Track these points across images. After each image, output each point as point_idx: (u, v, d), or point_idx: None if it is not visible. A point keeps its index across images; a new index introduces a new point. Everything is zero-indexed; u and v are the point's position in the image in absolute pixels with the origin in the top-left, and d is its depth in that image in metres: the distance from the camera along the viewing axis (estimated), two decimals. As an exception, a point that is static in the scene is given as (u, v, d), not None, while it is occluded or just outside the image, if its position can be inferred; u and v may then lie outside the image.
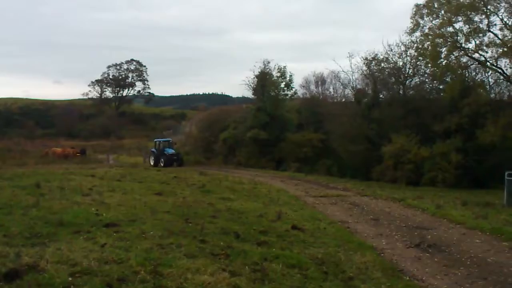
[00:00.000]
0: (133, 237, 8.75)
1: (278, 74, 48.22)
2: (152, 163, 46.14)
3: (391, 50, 40.04)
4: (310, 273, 7.76)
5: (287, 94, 49.23)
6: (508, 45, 32.91)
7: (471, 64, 36.04)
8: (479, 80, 36.52)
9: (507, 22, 33.67)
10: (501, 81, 35.89)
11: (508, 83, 35.36)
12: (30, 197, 13.26)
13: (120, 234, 8.95)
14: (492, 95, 36.35)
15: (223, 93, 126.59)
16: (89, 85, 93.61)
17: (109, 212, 11.38)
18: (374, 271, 8.38)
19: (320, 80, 52.04)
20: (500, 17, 33.90)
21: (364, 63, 41.11)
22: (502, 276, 8.59)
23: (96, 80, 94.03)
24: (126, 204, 12.99)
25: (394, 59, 40.06)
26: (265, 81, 47.26)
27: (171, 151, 47.03)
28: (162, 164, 44.22)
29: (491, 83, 36.78)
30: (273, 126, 44.96)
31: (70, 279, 6.22)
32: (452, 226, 13.62)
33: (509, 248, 10.75)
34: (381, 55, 40.39)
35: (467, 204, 19.94)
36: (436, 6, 35.70)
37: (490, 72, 35.78)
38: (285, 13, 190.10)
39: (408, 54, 39.22)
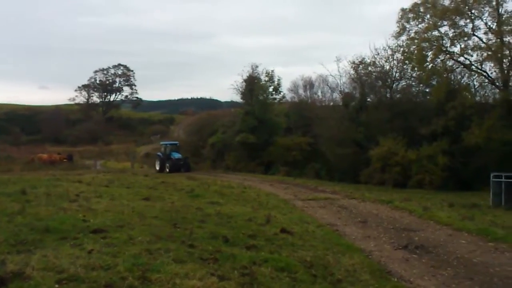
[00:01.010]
0: (121, 243, 8.69)
1: (267, 78, 48.44)
2: (157, 168, 44.37)
3: (378, 54, 40.46)
4: (299, 276, 7.77)
5: (275, 98, 49.45)
6: (493, 49, 33.33)
7: (457, 68, 36.50)
8: (464, 83, 36.97)
9: (491, 26, 34.14)
10: (486, 84, 36.36)
11: (493, 86, 35.78)
12: (15, 203, 13.11)
13: (107, 240, 8.89)
14: (477, 98, 36.80)
15: (212, 98, 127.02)
16: (75, 90, 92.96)
17: (96, 218, 11.30)
18: (363, 273, 8.42)
19: (308, 84, 52.41)
20: (485, 21, 34.40)
21: (351, 67, 41.50)
22: (488, 276, 8.67)
23: (83, 85, 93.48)
24: (114, 210, 12.91)
25: (381, 63, 40.49)
26: (253, 85, 47.40)
27: (177, 155, 44.82)
28: (167, 170, 42.41)
29: (476, 86, 37.27)
30: (262, 130, 45.05)
31: (56, 286, 6.17)
32: (439, 227, 13.72)
33: (495, 249, 10.85)
34: (368, 59, 40.82)
35: (453, 206, 20.11)
36: (421, 10, 36.13)
37: (475, 75, 36.27)
38: (273, 17, 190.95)
39: (394, 58, 39.66)
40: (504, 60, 33.80)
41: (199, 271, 7.19)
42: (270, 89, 48.62)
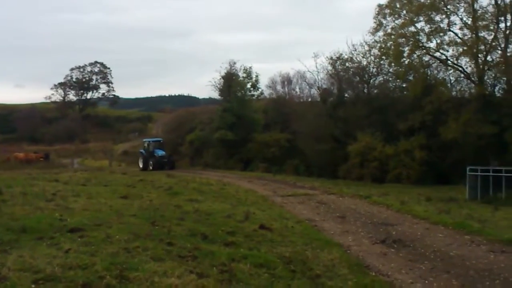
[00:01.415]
0: (99, 242, 8.60)
1: (244, 75, 48.40)
2: (140, 166, 43.34)
3: (355, 50, 40.76)
4: (278, 272, 7.78)
5: (253, 95, 49.47)
6: (468, 44, 33.79)
7: (433, 63, 36.99)
8: (440, 78, 37.46)
9: (467, 21, 34.60)
10: (461, 79, 36.91)
11: (468, 81, 36.30)
12: (-9, 203, 12.89)
13: (85, 239, 8.79)
14: (453, 93, 37.31)
15: (190, 95, 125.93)
16: (51, 88, 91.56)
17: (74, 217, 11.16)
18: (341, 268, 8.47)
19: (286, 80, 52.44)
20: (460, 16, 34.88)
21: (329, 63, 41.78)
22: (464, 269, 8.80)
23: (59, 83, 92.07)
24: (91, 209, 12.77)
25: (358, 59, 40.80)
26: (231, 82, 47.32)
27: (161, 152, 43.72)
28: (151, 168, 41.47)
29: (452, 81, 37.79)
30: (240, 127, 44.98)
31: (33, 286, 6.07)
32: (416, 221, 13.89)
33: (471, 242, 11.03)
34: (346, 55, 41.12)
35: (431, 200, 20.39)
36: (398, 6, 36.43)
37: (451, 70, 36.76)
38: (251, 14, 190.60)
39: (371, 53, 40.00)
40: (479, 55, 34.31)
41: (177, 268, 7.15)
42: (248, 85, 48.62)
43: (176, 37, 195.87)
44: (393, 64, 38.29)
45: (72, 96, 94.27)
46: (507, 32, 33.66)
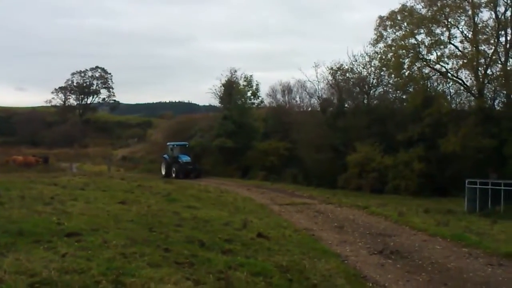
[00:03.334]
0: (95, 247, 8.58)
1: (245, 83, 48.46)
2: (163, 173, 39.94)
3: (356, 60, 40.81)
4: (274, 280, 7.76)
5: (253, 103, 49.51)
6: (468, 57, 33.90)
7: (433, 75, 37.06)
8: (440, 90, 37.52)
9: (467, 35, 34.74)
10: (461, 91, 36.98)
11: (468, 94, 36.38)
12: (-12, 206, 12.86)
13: (82, 244, 8.77)
14: (453, 105, 37.34)
15: (190, 102, 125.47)
16: (52, 92, 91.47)
17: (71, 221, 11.14)
18: (338, 278, 8.45)
19: (287, 89, 52.43)
20: (461, 30, 35.02)
21: (329, 73, 41.80)
22: (461, 281, 8.79)
23: (59, 87, 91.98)
24: (89, 213, 12.75)
25: (358, 69, 40.87)
26: (231, 90, 47.38)
27: (186, 158, 40.14)
28: (174, 175, 38.05)
29: (452, 94, 37.82)
30: (240, 135, 44.96)
31: (29, 289, 6.06)
32: (414, 233, 13.88)
33: (469, 254, 11.01)
34: (346, 65, 41.14)
35: (429, 212, 20.38)
36: (399, 18, 36.56)
37: (451, 83, 36.86)
38: (252, 22, 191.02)
39: (372, 64, 40.05)
40: (480, 68, 34.41)
41: (174, 275, 7.13)
42: (249, 93, 48.68)
43: (177, 43, 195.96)
44: (393, 75, 38.39)
45: (72, 100, 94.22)
46: (507, 46, 33.79)
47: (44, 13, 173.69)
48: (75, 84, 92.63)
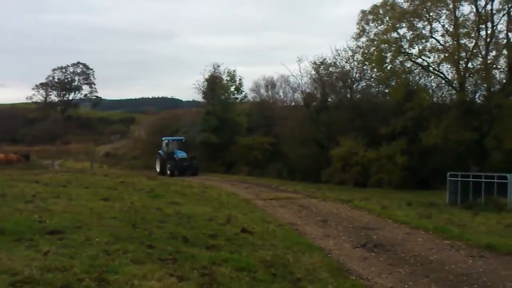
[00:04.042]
0: (78, 244, 8.50)
1: (228, 78, 48.40)
2: (158, 170, 37.65)
3: (339, 55, 41.06)
4: (258, 275, 7.77)
5: (237, 98, 49.45)
6: (449, 51, 34.24)
7: (415, 69, 37.38)
8: (422, 84, 37.87)
9: (448, 28, 35.08)
10: (443, 85, 37.41)
11: (450, 87, 36.77)
12: (-32, 205, 12.68)
13: (64, 241, 8.67)
14: (435, 99, 37.74)
15: (173, 97, 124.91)
16: (33, 89, 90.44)
17: (53, 219, 11.01)
18: (322, 272, 8.49)
19: (270, 84, 52.57)
20: (442, 24, 35.37)
21: (312, 68, 41.98)
22: (443, 273, 8.89)
23: (40, 84, 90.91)
24: (71, 211, 12.62)
25: (341, 64, 41.10)
26: (215, 85, 47.28)
27: (182, 154, 37.67)
28: (169, 172, 36.02)
29: (433, 87, 38.21)
30: (224, 130, 44.92)
31: (10, 288, 5.99)
32: (397, 226, 14.01)
33: (450, 246, 11.14)
34: (329, 59, 41.37)
35: (411, 205, 20.57)
36: (381, 12, 36.78)
37: (433, 76, 37.23)
38: (235, 17, 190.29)
39: (355, 59, 40.32)
40: (461, 62, 34.78)
41: (157, 271, 7.10)
42: (232, 88, 48.61)
43: (159, 39, 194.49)
44: (375, 69, 38.65)
45: (54, 96, 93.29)
46: (488, 39, 34.19)
47: (24, 8, 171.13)
48: (56, 80, 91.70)
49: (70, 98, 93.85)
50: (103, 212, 12.72)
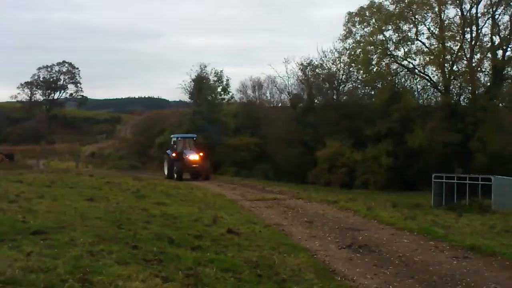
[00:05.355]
0: (62, 245, 8.42)
1: (215, 78, 48.37)
2: (165, 172, 33.04)
3: (325, 56, 41.27)
4: (244, 276, 7.75)
5: (224, 98, 49.43)
6: (435, 54, 34.57)
7: (401, 71, 37.71)
8: (408, 86, 38.23)
9: (434, 31, 35.42)
10: (428, 87, 37.80)
11: (435, 89, 37.12)
12: (-50, 205, 12.50)
13: (48, 242, 8.59)
14: (420, 101, 38.12)
15: (160, 97, 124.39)
16: (18, 88, 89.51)
17: (37, 219, 10.90)
18: (307, 273, 8.49)
19: (257, 85, 52.60)
20: (427, 26, 35.75)
21: (299, 69, 42.16)
22: (428, 274, 8.94)
23: (25, 82, 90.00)
24: (55, 211, 12.50)
25: (328, 65, 41.32)
26: (202, 85, 47.20)
27: (193, 155, 32.32)
28: (175, 176, 31.03)
29: (419, 90, 38.59)
30: (210, 131, 44.81)
31: (-8, 289, 5.91)
32: (382, 227, 14.05)
33: (435, 247, 11.20)
34: (316, 61, 41.54)
35: (397, 206, 20.65)
36: (367, 14, 37.05)
37: (418, 79, 37.61)
38: (222, 17, 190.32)
39: (341, 60, 40.57)
40: (446, 65, 35.15)
41: (142, 272, 7.05)
42: (219, 89, 48.58)
43: (146, 38, 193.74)
44: (361, 71, 38.90)
45: (39, 96, 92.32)
46: (473, 42, 34.58)
47: (9, 6, 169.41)
48: (41, 79, 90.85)
49: (56, 97, 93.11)
50: (88, 212, 12.62)
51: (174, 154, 32.55)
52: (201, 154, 32.29)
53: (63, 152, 62.56)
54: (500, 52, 34.66)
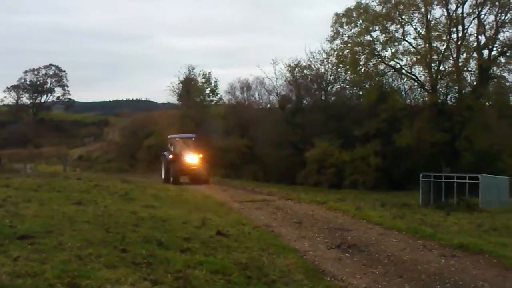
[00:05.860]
0: (50, 249, 8.34)
1: (203, 80, 48.40)
2: (163, 176, 31.28)
3: (313, 57, 41.32)
4: (233, 278, 7.74)
5: (212, 100, 49.48)
6: (422, 54, 34.79)
7: (388, 71, 37.85)
8: (395, 86, 38.41)
9: (420, 31, 35.65)
10: (415, 87, 38.00)
11: (422, 89, 37.35)
12: None
13: (35, 246, 8.50)
14: (407, 101, 38.32)
15: (148, 99, 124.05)
16: (4, 91, 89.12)
17: (24, 223, 10.79)
18: (297, 273, 8.51)
19: (245, 86, 52.40)
20: (414, 27, 35.96)
21: (287, 70, 42.17)
22: (416, 273, 9.00)
23: (12, 86, 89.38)
24: (43, 215, 12.39)
25: (316, 66, 41.39)
26: (190, 87, 47.16)
27: (191, 157, 30.31)
28: (171, 179, 29.64)
29: (406, 90, 38.78)
30: (199, 133, 44.69)
31: (-22, 295, 5.86)
32: (371, 226, 14.12)
33: (423, 246, 11.28)
34: (304, 62, 41.61)
35: (385, 205, 20.75)
36: (354, 15, 37.18)
37: (405, 79, 37.79)
38: (208, 19, 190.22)
39: (329, 61, 40.64)
40: (432, 65, 35.38)
41: (131, 276, 7.02)
42: (207, 91, 48.61)
43: (133, 40, 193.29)
44: (349, 72, 39.03)
45: (25, 99, 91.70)
46: (459, 42, 34.84)
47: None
48: (28, 82, 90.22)
49: (43, 100, 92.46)
50: (76, 216, 12.52)
51: (171, 156, 30.66)
52: (200, 156, 30.42)
53: (50, 156, 62.17)
54: (486, 52, 34.98)
